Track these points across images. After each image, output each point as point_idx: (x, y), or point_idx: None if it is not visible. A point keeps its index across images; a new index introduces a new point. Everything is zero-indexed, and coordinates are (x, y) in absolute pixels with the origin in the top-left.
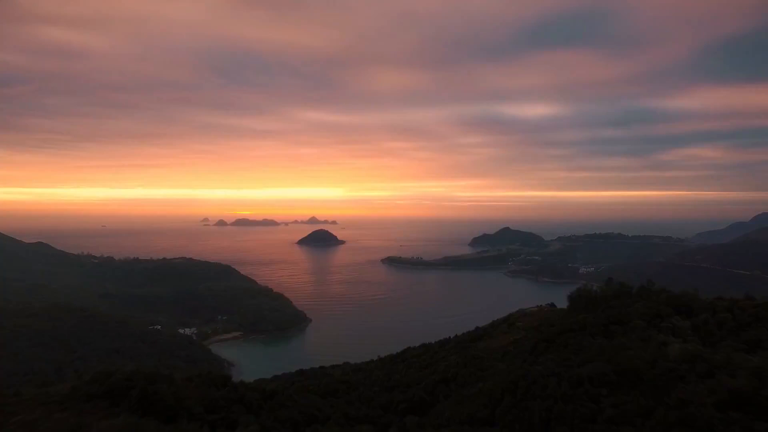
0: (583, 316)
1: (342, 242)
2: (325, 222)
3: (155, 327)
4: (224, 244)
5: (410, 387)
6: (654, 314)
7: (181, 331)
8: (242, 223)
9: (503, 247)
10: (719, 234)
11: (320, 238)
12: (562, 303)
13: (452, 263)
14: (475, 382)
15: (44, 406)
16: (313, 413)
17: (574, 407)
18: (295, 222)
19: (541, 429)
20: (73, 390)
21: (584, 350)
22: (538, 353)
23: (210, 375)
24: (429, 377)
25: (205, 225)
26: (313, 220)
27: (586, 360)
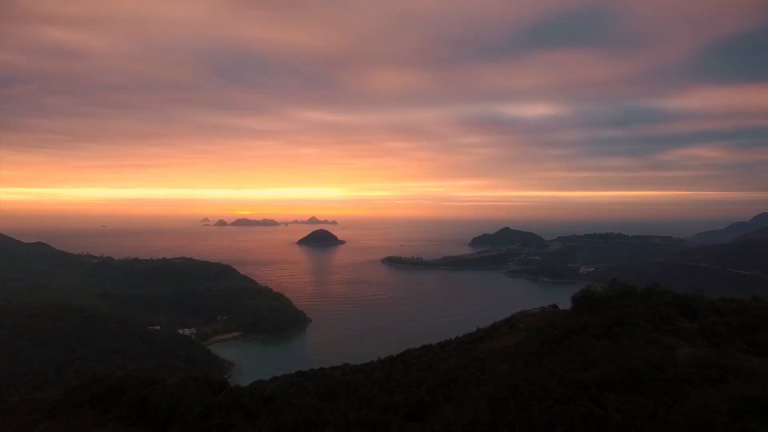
0: (586, 317)
1: (342, 242)
2: (325, 222)
3: (155, 327)
4: (224, 244)
5: (410, 388)
6: (657, 315)
7: (180, 331)
8: (242, 223)
9: (503, 247)
10: (719, 234)
11: (320, 238)
12: (562, 303)
13: (452, 263)
14: (476, 384)
15: (31, 414)
16: (312, 417)
17: (577, 410)
18: (295, 222)
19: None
20: (64, 396)
21: (587, 352)
22: (540, 355)
23: (206, 379)
24: (429, 379)
25: (205, 225)
26: (313, 220)
27: (590, 362)
